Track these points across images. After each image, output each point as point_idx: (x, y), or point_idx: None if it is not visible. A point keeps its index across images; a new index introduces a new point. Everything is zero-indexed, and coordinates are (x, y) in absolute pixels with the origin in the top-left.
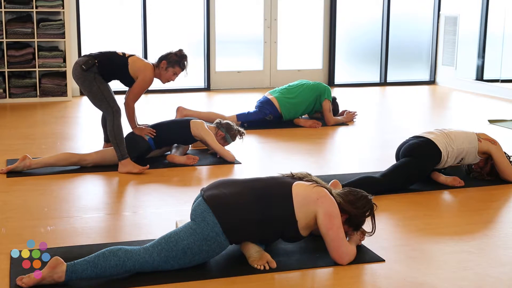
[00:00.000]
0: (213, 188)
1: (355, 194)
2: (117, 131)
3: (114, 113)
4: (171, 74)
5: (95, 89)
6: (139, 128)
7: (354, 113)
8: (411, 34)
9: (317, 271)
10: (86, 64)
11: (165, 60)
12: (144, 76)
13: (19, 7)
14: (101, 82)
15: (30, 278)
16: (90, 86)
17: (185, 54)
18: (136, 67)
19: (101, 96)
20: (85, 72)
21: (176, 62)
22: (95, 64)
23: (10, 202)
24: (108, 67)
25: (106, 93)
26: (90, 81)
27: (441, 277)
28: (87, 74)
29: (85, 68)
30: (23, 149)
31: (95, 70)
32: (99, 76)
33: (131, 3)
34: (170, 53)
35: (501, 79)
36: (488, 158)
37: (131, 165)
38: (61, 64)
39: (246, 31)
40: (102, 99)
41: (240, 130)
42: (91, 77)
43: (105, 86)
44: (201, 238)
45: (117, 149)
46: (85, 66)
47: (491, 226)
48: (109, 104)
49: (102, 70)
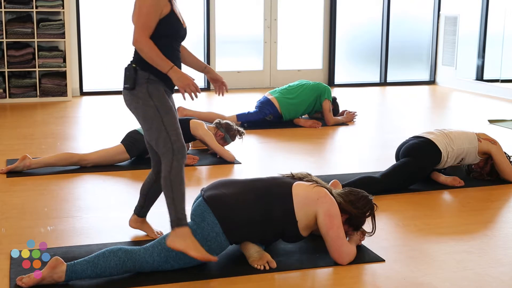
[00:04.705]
0: (213, 188)
1: (356, 194)
2: (175, 180)
3: (174, 152)
4: None
5: (151, 112)
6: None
7: (354, 113)
8: (411, 34)
9: (317, 271)
10: (128, 79)
11: None
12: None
13: (19, 7)
14: (160, 99)
15: (30, 278)
16: (144, 107)
17: None
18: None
19: (158, 123)
20: (134, 91)
21: None
22: (135, 68)
23: (10, 202)
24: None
25: (166, 119)
26: (144, 100)
27: (441, 277)
28: (137, 91)
29: (130, 85)
30: (23, 149)
31: (144, 75)
32: (155, 86)
33: (131, 3)
34: None
35: (501, 79)
36: (488, 158)
37: (190, 241)
38: (61, 64)
39: (246, 31)
40: (161, 128)
41: (239, 130)
42: (143, 93)
43: (166, 107)
44: (201, 238)
45: (171, 208)
46: (128, 84)
47: (491, 226)
48: (169, 138)
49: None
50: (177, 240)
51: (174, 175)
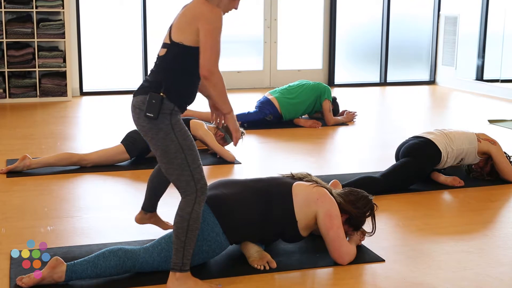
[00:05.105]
0: (213, 189)
1: (356, 194)
2: (193, 225)
3: (197, 193)
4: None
5: (173, 147)
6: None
7: (354, 113)
8: (411, 34)
9: (317, 271)
10: (152, 108)
11: None
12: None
13: (19, 7)
14: (183, 134)
15: (30, 278)
16: (165, 141)
17: None
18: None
19: (181, 159)
20: (156, 121)
21: None
22: (163, 98)
23: (10, 202)
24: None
25: (190, 157)
26: (166, 133)
27: (441, 277)
28: (159, 121)
29: (154, 115)
30: (23, 149)
31: (169, 106)
32: (178, 118)
33: (131, 3)
34: None
35: (501, 79)
36: (488, 158)
37: (192, 281)
38: (61, 64)
39: (246, 31)
40: (184, 165)
41: (239, 130)
42: (166, 124)
43: (188, 142)
44: (201, 239)
45: (179, 251)
46: (152, 113)
47: (491, 226)
48: (193, 177)
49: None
50: (177, 283)
51: (193, 220)
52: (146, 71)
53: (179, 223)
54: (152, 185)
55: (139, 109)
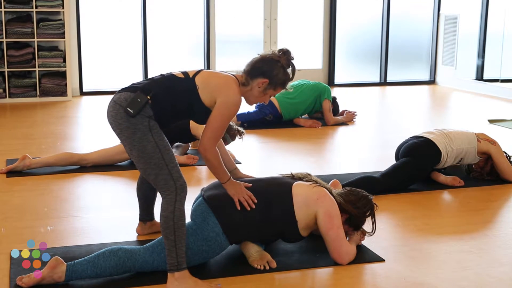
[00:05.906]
0: (214, 188)
1: (356, 194)
2: (178, 223)
3: (177, 191)
4: (267, 96)
5: (150, 147)
6: (236, 184)
7: (354, 113)
8: (411, 34)
9: (317, 271)
10: (134, 105)
11: (266, 79)
12: (227, 96)
13: (19, 7)
14: (159, 135)
15: (30, 278)
16: (142, 141)
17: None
18: (213, 85)
19: (158, 159)
20: (133, 119)
21: (282, 82)
22: (148, 101)
23: (10, 202)
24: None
25: (167, 156)
26: (143, 133)
27: (441, 277)
28: (137, 121)
29: (133, 112)
30: (23, 149)
31: (149, 112)
32: (155, 123)
33: (131, 3)
34: (274, 64)
35: (501, 79)
36: (488, 158)
37: (191, 281)
38: (61, 64)
39: (246, 31)
40: (161, 164)
41: (239, 129)
42: (144, 125)
43: (164, 143)
44: (201, 239)
45: (172, 251)
46: (132, 109)
47: (491, 226)
48: (171, 175)
49: (159, 109)
50: (177, 283)
51: (177, 217)
52: (146, 71)
53: (165, 224)
54: (141, 194)
55: (120, 105)
